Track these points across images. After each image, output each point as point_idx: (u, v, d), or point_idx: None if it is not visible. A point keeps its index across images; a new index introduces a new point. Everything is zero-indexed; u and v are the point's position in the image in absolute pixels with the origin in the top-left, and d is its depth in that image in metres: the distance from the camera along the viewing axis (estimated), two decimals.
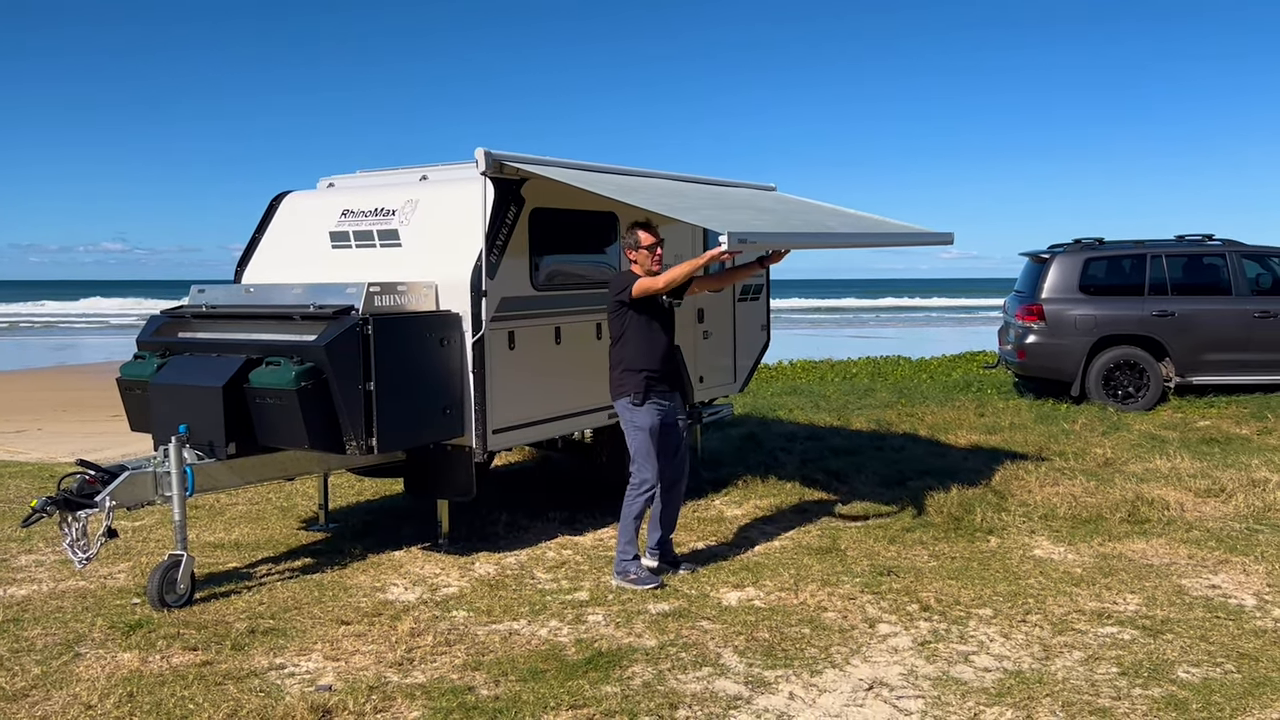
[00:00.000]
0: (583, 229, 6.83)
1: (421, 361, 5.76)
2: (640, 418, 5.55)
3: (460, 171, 6.58)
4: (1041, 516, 6.90)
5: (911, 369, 16.10)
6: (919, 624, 5.00)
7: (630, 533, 5.59)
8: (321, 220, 6.78)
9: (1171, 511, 6.96)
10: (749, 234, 5.30)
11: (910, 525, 6.73)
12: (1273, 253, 11.86)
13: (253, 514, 7.32)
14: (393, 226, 6.45)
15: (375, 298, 5.67)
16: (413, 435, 5.79)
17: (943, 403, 12.29)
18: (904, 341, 28.78)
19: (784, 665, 4.50)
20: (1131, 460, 8.79)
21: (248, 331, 5.85)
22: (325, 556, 6.19)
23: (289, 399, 5.34)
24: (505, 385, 6.12)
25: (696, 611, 5.17)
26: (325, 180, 7.33)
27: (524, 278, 6.29)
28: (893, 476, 8.22)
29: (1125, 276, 11.94)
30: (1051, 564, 5.90)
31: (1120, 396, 11.58)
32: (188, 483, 5.29)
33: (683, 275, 5.52)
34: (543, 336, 6.43)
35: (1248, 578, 5.60)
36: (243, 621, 5.02)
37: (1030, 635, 4.81)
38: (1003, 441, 9.80)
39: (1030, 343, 11.88)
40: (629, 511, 5.59)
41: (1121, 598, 5.31)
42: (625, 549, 5.60)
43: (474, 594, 5.49)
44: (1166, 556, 6.01)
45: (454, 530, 6.49)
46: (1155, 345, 11.58)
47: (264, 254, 6.99)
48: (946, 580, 5.62)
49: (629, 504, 5.60)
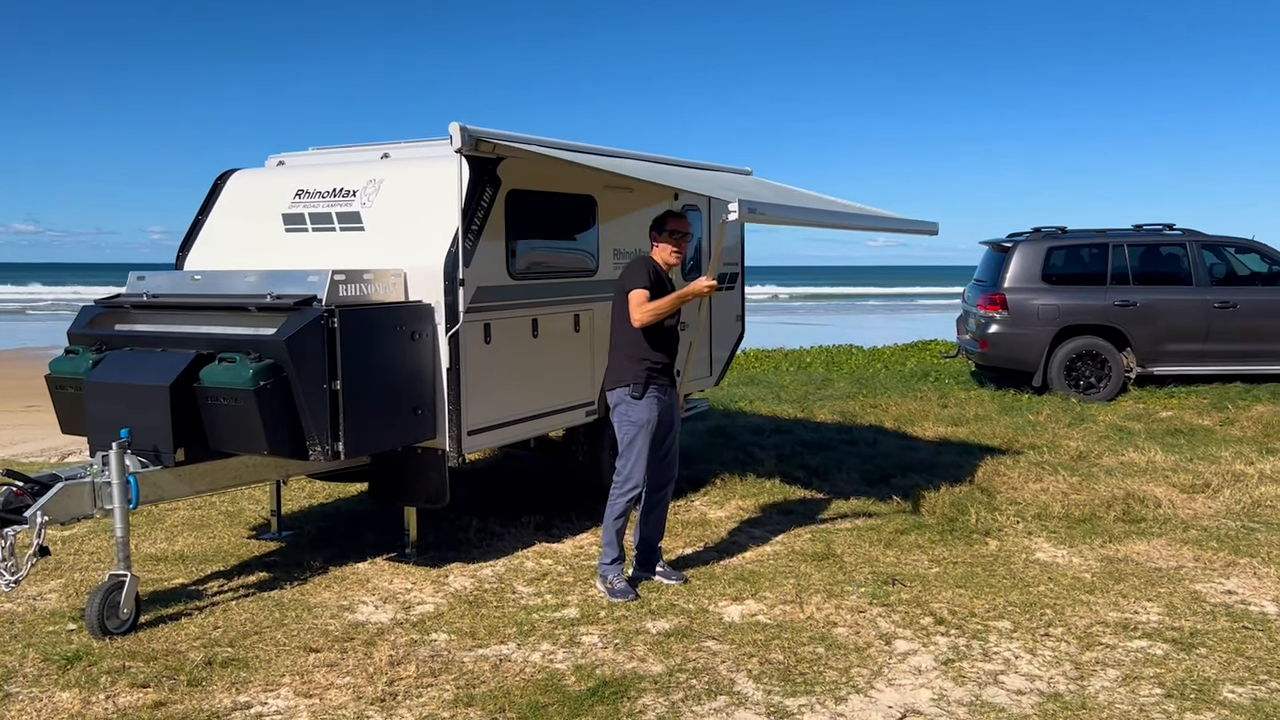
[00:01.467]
0: (561, 213, 6.35)
1: (391, 357, 5.25)
2: (637, 411, 5.14)
3: (428, 149, 6.06)
4: (1035, 516, 6.65)
5: (865, 358, 15.90)
6: (936, 639, 4.68)
7: (611, 534, 5.20)
8: (273, 201, 6.20)
9: (1163, 509, 6.77)
10: (758, 204, 4.93)
11: (904, 527, 6.42)
12: (1231, 243, 11.86)
13: (196, 521, 6.72)
14: (354, 208, 5.91)
15: (340, 287, 5.14)
16: (382, 438, 5.28)
17: (904, 393, 12.08)
18: (845, 329, 28.78)
19: (805, 692, 4.13)
20: (1104, 453, 8.64)
21: (196, 324, 5.28)
22: (282, 570, 5.65)
23: (246, 400, 4.80)
24: (481, 382, 5.64)
25: (699, 630, 4.77)
26: (275, 158, 6.74)
27: (500, 265, 5.81)
28: (873, 473, 7.93)
29: (1087, 266, 11.84)
30: (1058, 569, 5.64)
31: (1082, 387, 11.49)
32: (131, 494, 4.72)
33: (669, 307, 5.16)
34: (520, 329, 5.96)
35: (1261, 582, 5.40)
36: (198, 650, 4.48)
37: (1058, 651, 4.52)
38: (971, 434, 9.60)
39: (993, 332, 11.73)
40: (611, 512, 5.20)
41: (1141, 606, 5.05)
42: (606, 551, 5.22)
43: (453, 612, 5.01)
44: (1172, 559, 5.79)
45: (421, 538, 6.00)
46: (1117, 335, 11.51)
47: (209, 238, 6.38)
48: (955, 589, 5.31)
49: (612, 504, 5.20)
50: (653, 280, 5.17)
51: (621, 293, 5.20)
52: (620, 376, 5.20)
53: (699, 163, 7.37)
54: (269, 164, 6.72)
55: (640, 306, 5.07)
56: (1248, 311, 11.42)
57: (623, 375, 5.19)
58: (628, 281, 5.18)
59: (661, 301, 5.10)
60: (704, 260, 7.81)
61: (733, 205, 4.73)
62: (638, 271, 5.19)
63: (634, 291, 5.10)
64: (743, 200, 4.72)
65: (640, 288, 5.10)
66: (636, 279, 5.16)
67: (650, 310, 5.07)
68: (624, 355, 5.21)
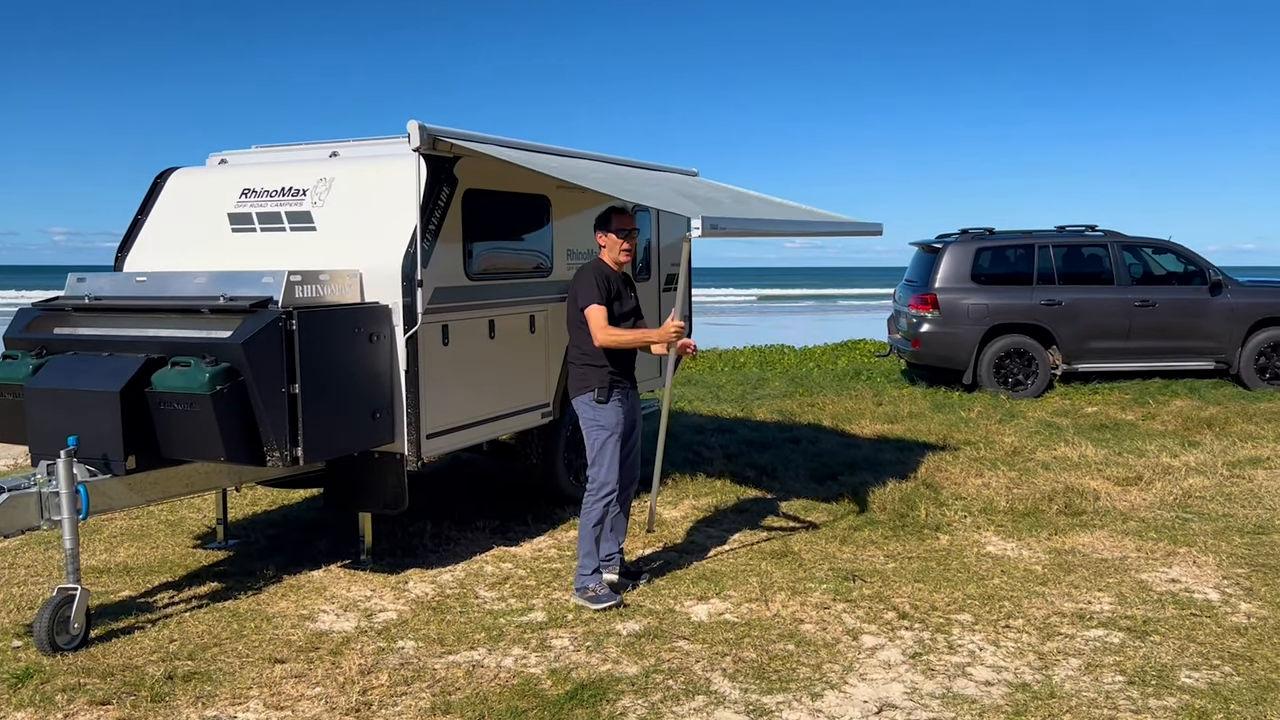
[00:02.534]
0: (516, 213, 6.29)
1: (349, 360, 5.14)
2: (605, 416, 5.11)
3: (380, 147, 5.96)
4: (981, 510, 6.81)
5: (797, 358, 16.09)
6: (901, 634, 4.75)
7: (589, 543, 5.14)
8: (217, 200, 6.02)
9: (1102, 502, 7.00)
10: (720, 219, 4.93)
11: (857, 524, 6.52)
12: (1150, 244, 12.30)
13: (135, 531, 6.49)
14: (304, 208, 5.77)
15: (296, 288, 5.01)
16: (341, 442, 5.16)
17: (839, 392, 12.26)
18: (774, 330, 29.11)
19: (781, 689, 4.16)
20: (1038, 448, 8.88)
21: (144, 327, 5.09)
22: (234, 580, 5.49)
23: (202, 405, 4.65)
24: (440, 385, 5.56)
25: (669, 630, 4.77)
26: (216, 156, 6.55)
27: (458, 266, 5.73)
28: (820, 471, 8.03)
29: (1014, 266, 12.15)
30: (1009, 561, 5.78)
31: (1010, 384, 11.79)
32: (81, 504, 4.53)
33: (630, 341, 5.16)
34: (477, 331, 5.88)
35: (1201, 570, 5.60)
36: (156, 665, 4.33)
37: (1020, 642, 4.63)
38: (907, 431, 9.79)
39: (925, 332, 11.97)
40: (588, 519, 5.14)
41: (1093, 596, 5.21)
42: (585, 562, 5.15)
43: (417, 619, 4.93)
44: (1116, 550, 5.98)
45: (376, 544, 5.89)
46: (1044, 334, 11.84)
47: (149, 238, 6.16)
48: (914, 583, 5.41)
49: (588, 511, 5.15)
50: (606, 291, 5.11)
51: (575, 305, 5.14)
52: (584, 383, 5.16)
53: (648, 163, 7.38)
54: (210, 162, 6.52)
55: (604, 329, 5.04)
56: (1165, 310, 11.86)
57: (587, 381, 5.15)
58: (581, 296, 5.11)
59: (624, 335, 5.11)
60: (653, 260, 7.82)
61: (695, 223, 4.74)
62: (589, 284, 5.10)
63: (591, 309, 5.05)
64: (706, 217, 4.73)
65: (595, 303, 5.05)
66: (590, 293, 5.08)
67: (613, 339, 5.06)
68: (585, 363, 5.17)
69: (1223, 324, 11.82)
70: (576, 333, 5.20)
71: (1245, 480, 7.56)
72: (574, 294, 5.18)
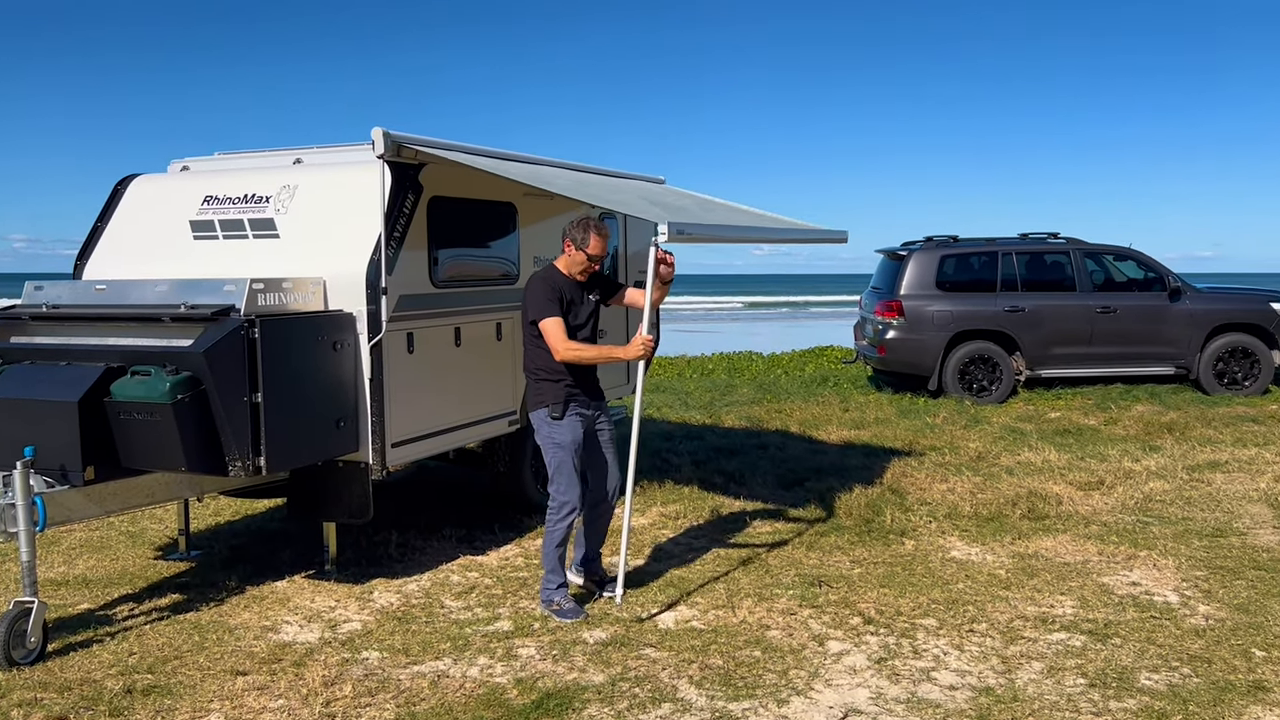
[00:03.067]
0: (482, 220, 6.28)
1: (313, 368, 5.10)
2: (560, 433, 5.02)
3: (345, 154, 5.92)
4: (946, 515, 6.86)
5: (765, 364, 16.16)
6: (867, 639, 4.78)
7: (553, 560, 5.09)
8: (179, 207, 5.96)
9: (1064, 506, 7.07)
10: (687, 225, 4.94)
11: (823, 530, 6.55)
12: (1111, 251, 12.46)
13: (95, 542, 6.40)
14: (268, 215, 5.72)
15: (259, 296, 4.97)
16: (305, 452, 5.12)
17: (806, 398, 12.33)
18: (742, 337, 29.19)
19: (747, 696, 4.17)
20: (1002, 453, 8.97)
21: (104, 336, 5.03)
22: (196, 591, 5.42)
23: (163, 414, 4.59)
24: (404, 393, 5.53)
25: (636, 638, 4.77)
26: (178, 163, 6.48)
27: (423, 273, 5.71)
28: (787, 477, 8.06)
29: (978, 273, 12.28)
30: (973, 566, 5.83)
31: (975, 390, 11.90)
32: (38, 516, 4.46)
33: (594, 359, 5.06)
34: (442, 338, 5.86)
35: (1161, 573, 5.68)
36: (114, 679, 4.27)
37: (984, 646, 4.67)
38: (873, 437, 9.86)
39: (890, 338, 12.06)
40: (551, 539, 5.07)
41: (1055, 600, 5.26)
42: (549, 578, 5.11)
43: (382, 629, 4.89)
44: (1078, 554, 6.04)
45: (341, 554, 5.84)
46: (1007, 340, 11.96)
47: (110, 246, 6.09)
48: (879, 589, 5.44)
49: (550, 530, 5.08)
50: (560, 301, 4.98)
51: (529, 319, 5.01)
52: (540, 398, 5.04)
53: (615, 171, 7.39)
54: (172, 169, 6.45)
55: (564, 344, 4.92)
56: (1126, 316, 12.02)
57: (542, 396, 5.03)
58: (532, 309, 4.97)
59: (587, 352, 5.01)
60: (621, 268, 7.83)
61: (662, 227, 4.74)
62: (541, 296, 4.98)
63: (546, 324, 4.92)
64: (672, 222, 4.74)
65: (550, 316, 4.92)
66: (542, 306, 4.94)
67: (576, 355, 4.95)
68: (541, 376, 5.04)
69: (1182, 330, 12.00)
70: (530, 346, 5.08)
71: (1204, 484, 7.67)
72: (524, 306, 5.06)
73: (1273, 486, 7.49)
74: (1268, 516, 6.76)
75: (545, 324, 4.94)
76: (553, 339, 4.93)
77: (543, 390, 5.06)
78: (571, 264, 5.10)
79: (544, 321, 4.94)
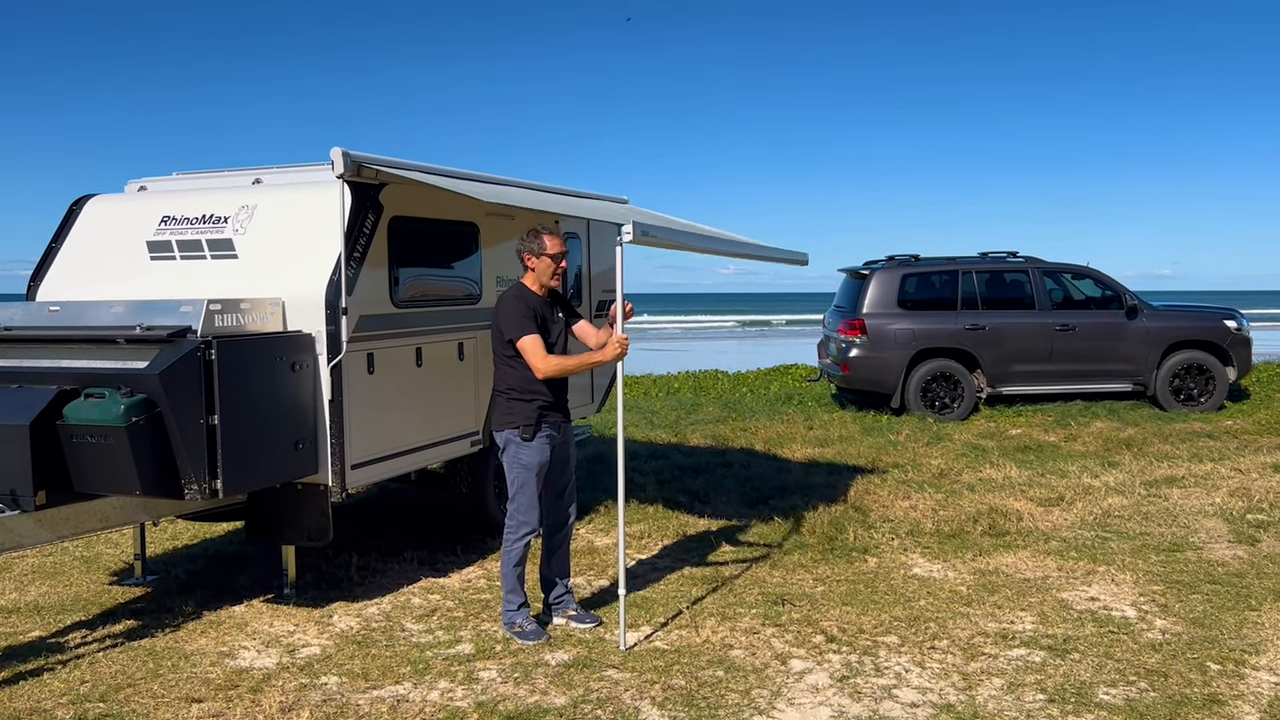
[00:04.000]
0: (444, 240, 6.26)
1: (271, 390, 5.06)
2: (528, 454, 4.99)
3: (305, 174, 5.89)
4: (908, 533, 6.90)
5: (731, 383, 16.21)
6: (829, 657, 4.79)
7: (512, 580, 5.06)
8: (136, 228, 5.90)
9: (1025, 522, 7.14)
10: (650, 227, 4.96)
11: (787, 548, 6.56)
12: (1069, 269, 12.64)
13: (49, 568, 6.28)
14: (226, 235, 5.68)
15: (216, 317, 4.92)
16: (263, 474, 5.07)
17: (771, 416, 12.37)
18: (708, 355, 29.26)
19: (709, 716, 4.16)
20: (964, 470, 9.04)
21: (57, 357, 4.95)
22: (151, 617, 5.33)
23: (117, 437, 4.53)
24: (364, 414, 5.49)
25: (599, 659, 4.74)
26: (135, 183, 6.41)
27: (383, 293, 5.68)
28: (752, 495, 8.08)
29: (939, 292, 12.41)
30: (935, 583, 5.86)
31: (937, 407, 12.00)
32: None
33: (576, 368, 5.06)
34: (403, 358, 5.82)
35: (1119, 588, 5.74)
36: (65, 708, 4.18)
37: (945, 663, 4.69)
38: (837, 454, 9.90)
39: (854, 356, 12.14)
40: (509, 559, 5.04)
41: (1015, 616, 5.30)
42: (509, 599, 5.07)
43: (341, 654, 4.84)
44: (1038, 570, 6.10)
45: (300, 578, 5.78)
46: (968, 358, 12.09)
47: (65, 267, 6.01)
48: (842, 606, 5.45)
49: (508, 550, 5.04)
50: (535, 319, 4.97)
51: (502, 337, 4.97)
52: (510, 418, 5.00)
53: (578, 191, 7.40)
54: (129, 189, 6.39)
55: (545, 359, 4.89)
56: (1085, 334, 12.19)
57: (513, 416, 4.99)
58: (508, 329, 4.94)
59: (568, 362, 5.00)
60: (584, 288, 7.83)
61: (626, 227, 4.75)
62: (516, 315, 4.95)
63: (525, 341, 4.89)
64: (637, 222, 4.76)
65: (529, 334, 4.89)
66: (519, 325, 4.91)
67: (558, 367, 4.94)
68: (514, 396, 5.00)
69: (1139, 347, 12.18)
70: (502, 365, 5.05)
71: (1161, 499, 7.78)
72: (498, 326, 5.01)
73: (1228, 501, 7.61)
74: (1223, 531, 6.86)
75: (524, 342, 4.91)
76: (533, 356, 4.90)
77: (514, 410, 5.01)
78: (540, 274, 5.07)
79: (522, 340, 4.91)
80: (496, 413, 5.11)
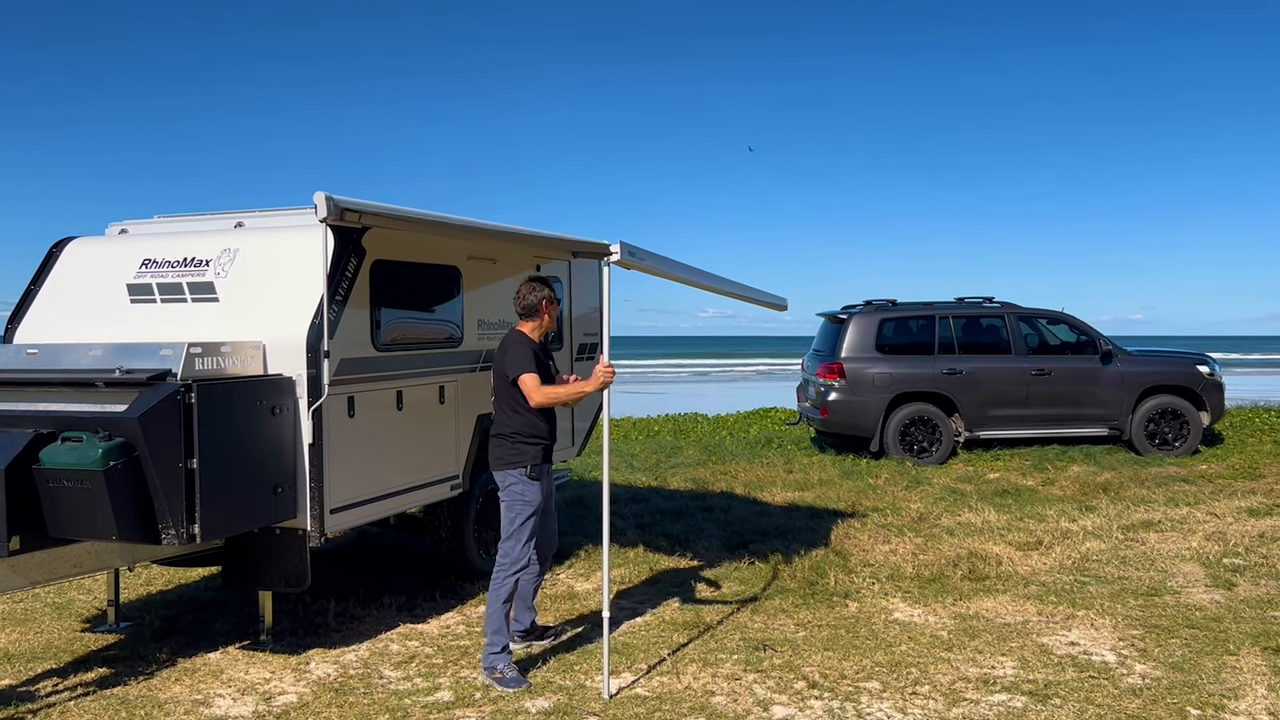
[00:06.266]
0: (426, 283, 6.27)
1: (251, 433, 5.03)
2: (531, 493, 5.12)
3: (287, 218, 5.91)
4: (889, 577, 6.90)
5: (710, 426, 16.23)
6: (812, 703, 4.77)
7: (499, 620, 5.05)
8: (116, 271, 5.89)
9: (1004, 566, 7.16)
10: (637, 249, 5.02)
11: (768, 593, 6.55)
12: (1044, 315, 12.78)
13: (19, 614, 6.17)
14: (207, 279, 5.68)
15: (196, 360, 4.90)
16: (241, 519, 5.02)
17: (751, 459, 12.38)
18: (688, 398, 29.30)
19: None
20: (943, 514, 9.07)
21: (34, 401, 4.91)
22: (125, 664, 5.25)
23: (94, 481, 4.48)
24: (344, 458, 5.46)
25: (579, 707, 4.70)
26: (116, 226, 6.41)
27: (365, 337, 5.68)
28: (732, 539, 8.07)
29: (916, 336, 12.51)
30: (916, 628, 5.86)
31: (916, 451, 12.05)
32: None
33: (567, 397, 5.24)
34: (384, 402, 5.81)
35: (1099, 633, 5.76)
36: None
37: (927, 709, 4.68)
38: (817, 498, 9.92)
39: (832, 400, 12.20)
40: (498, 595, 5.06)
41: (996, 661, 5.30)
42: (494, 639, 5.05)
43: (318, 702, 4.77)
44: (1018, 614, 6.11)
45: (277, 624, 5.71)
46: (946, 402, 12.17)
47: (43, 310, 5.98)
48: (823, 652, 5.44)
49: (498, 586, 5.06)
50: (537, 361, 5.18)
51: (505, 378, 5.16)
52: (516, 459, 5.15)
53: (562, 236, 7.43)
54: (110, 231, 6.38)
55: (538, 390, 5.06)
56: (1060, 379, 12.30)
57: (519, 458, 5.15)
58: (512, 367, 5.13)
59: (560, 392, 5.16)
60: (565, 331, 7.85)
61: (614, 246, 4.81)
62: (520, 354, 5.16)
63: (525, 378, 5.08)
64: (624, 244, 4.81)
65: (528, 372, 5.09)
66: (523, 363, 5.12)
67: (550, 397, 5.10)
68: (518, 438, 5.16)
69: (1114, 392, 12.30)
70: (507, 406, 5.18)
71: (1138, 543, 7.82)
72: (502, 367, 5.19)
73: (1204, 545, 7.66)
74: (1200, 575, 6.90)
75: (525, 378, 5.08)
76: (530, 389, 5.08)
77: (521, 451, 5.17)
78: (550, 323, 5.34)
79: (524, 376, 5.08)
80: (499, 453, 5.21)
